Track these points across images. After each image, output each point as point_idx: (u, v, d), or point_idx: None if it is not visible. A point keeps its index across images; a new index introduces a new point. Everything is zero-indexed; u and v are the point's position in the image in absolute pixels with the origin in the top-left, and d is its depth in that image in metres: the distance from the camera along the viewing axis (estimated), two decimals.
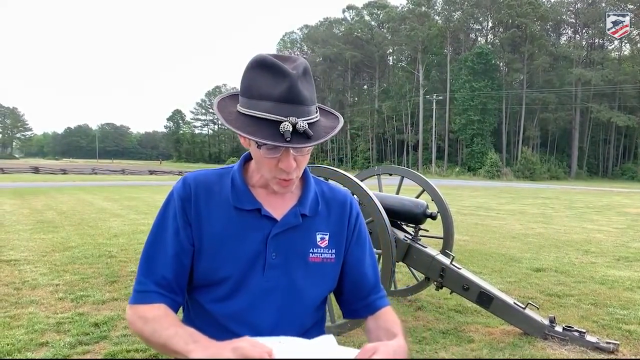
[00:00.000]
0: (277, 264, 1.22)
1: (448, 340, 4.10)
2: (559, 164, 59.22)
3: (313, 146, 1.14)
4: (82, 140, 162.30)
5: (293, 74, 1.11)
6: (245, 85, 1.15)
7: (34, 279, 5.81)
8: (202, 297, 1.24)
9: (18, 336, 3.98)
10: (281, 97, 1.10)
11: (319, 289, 1.29)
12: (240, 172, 1.28)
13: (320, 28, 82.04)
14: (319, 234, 1.28)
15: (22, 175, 38.61)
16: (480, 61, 59.04)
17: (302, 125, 1.09)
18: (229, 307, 1.20)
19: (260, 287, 1.21)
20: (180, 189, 1.25)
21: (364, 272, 1.36)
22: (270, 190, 1.26)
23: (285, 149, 1.12)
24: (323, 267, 1.28)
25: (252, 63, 1.15)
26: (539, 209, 16.78)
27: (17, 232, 9.14)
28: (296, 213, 1.26)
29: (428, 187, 5.23)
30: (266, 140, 1.08)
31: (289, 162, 1.14)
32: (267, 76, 1.11)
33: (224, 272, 1.20)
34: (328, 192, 1.36)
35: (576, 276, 6.58)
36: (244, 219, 1.23)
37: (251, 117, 1.11)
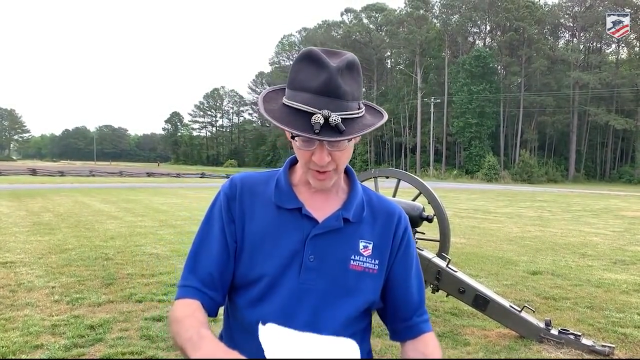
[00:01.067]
0: (314, 267, 1.19)
1: (444, 343, 4.10)
2: (557, 167, 59.28)
3: (343, 140, 1.12)
4: (80, 142, 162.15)
5: (332, 67, 1.11)
6: (290, 77, 1.16)
7: (30, 281, 5.80)
8: (238, 298, 1.23)
9: (13, 338, 3.97)
10: (318, 89, 1.10)
11: (357, 298, 1.22)
12: (286, 173, 1.29)
13: (319, 31, 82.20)
14: (362, 241, 1.24)
15: (19, 177, 38.52)
16: (478, 64, 59.15)
17: (335, 119, 1.08)
18: (262, 309, 1.18)
19: (295, 288, 1.18)
20: (227, 188, 1.27)
21: (409, 291, 1.30)
22: (312, 189, 1.25)
23: (320, 143, 1.12)
24: (364, 276, 1.23)
25: (299, 55, 1.16)
26: (536, 212, 16.81)
27: (13, 234, 9.12)
28: (338, 216, 1.23)
29: (424, 190, 5.22)
30: (296, 131, 1.08)
31: (321, 156, 1.13)
32: (309, 68, 1.12)
33: (261, 270, 1.19)
34: (376, 202, 1.32)
35: (573, 279, 6.59)
36: (284, 218, 1.22)
37: (290, 108, 1.12)
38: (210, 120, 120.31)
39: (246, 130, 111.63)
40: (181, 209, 15.23)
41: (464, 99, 59.22)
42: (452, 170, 61.54)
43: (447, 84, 64.26)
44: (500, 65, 64.18)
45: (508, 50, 62.79)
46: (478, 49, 61.62)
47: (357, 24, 78.03)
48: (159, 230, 10.27)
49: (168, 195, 21.69)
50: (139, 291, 5.48)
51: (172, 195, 22.22)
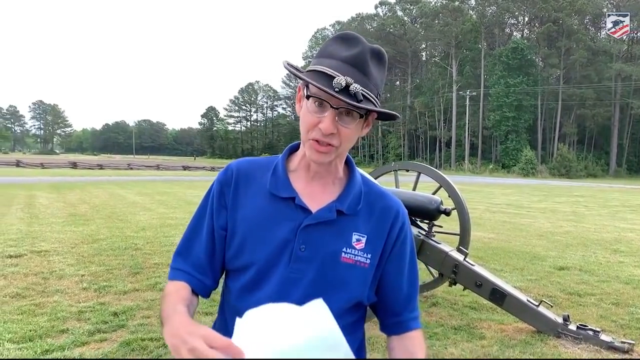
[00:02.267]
0: (305, 257, 1.18)
1: (459, 337, 4.09)
2: (597, 161, 57.62)
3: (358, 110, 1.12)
4: (119, 136, 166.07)
5: (367, 45, 1.14)
6: (320, 50, 1.19)
7: (62, 269, 6.03)
8: (231, 283, 1.25)
9: (41, 323, 4.15)
10: (347, 58, 1.12)
11: (347, 291, 1.21)
12: (283, 161, 1.28)
13: (353, 24, 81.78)
14: (355, 234, 1.22)
15: (60, 170, 39.81)
16: (516, 56, 57.92)
17: (355, 87, 1.09)
18: (253, 296, 1.18)
19: (285, 277, 1.18)
20: (222, 174, 1.29)
21: (401, 287, 1.29)
22: (310, 175, 1.25)
23: (331, 111, 1.11)
24: (354, 269, 1.21)
25: (336, 35, 1.20)
26: (572, 207, 16.41)
27: (50, 225, 9.46)
28: (332, 208, 1.21)
29: (445, 183, 5.19)
30: (317, 83, 1.08)
31: (329, 124, 1.12)
32: (342, 43, 1.15)
33: (251, 257, 1.20)
34: (375, 194, 1.30)
35: (601, 275, 6.45)
36: (278, 206, 1.21)
37: (314, 72, 1.13)
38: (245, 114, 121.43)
39: (280, 124, 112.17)
40: None
41: (501, 92, 58.07)
42: (487, 165, 60.52)
43: (483, 77, 63.16)
44: (538, 57, 62.66)
45: (546, 41, 61.22)
46: (515, 41, 60.29)
47: (391, 17, 77.31)
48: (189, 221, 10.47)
49: (202, 189, 21.98)
50: (164, 280, 5.62)
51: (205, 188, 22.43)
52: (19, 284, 5.32)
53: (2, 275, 5.65)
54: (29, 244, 7.48)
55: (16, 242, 7.53)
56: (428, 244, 4.52)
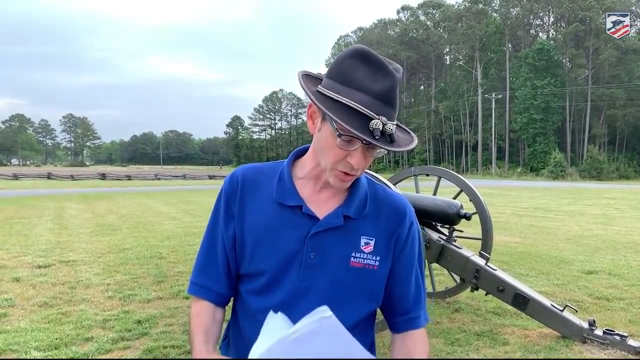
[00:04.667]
0: (315, 264, 1.20)
1: (482, 342, 4.03)
2: (629, 162, 56.14)
3: (395, 151, 1.14)
4: (147, 147, 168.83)
5: (396, 76, 1.11)
6: (340, 70, 1.13)
7: (88, 278, 6.15)
8: (242, 286, 1.27)
9: (66, 331, 4.24)
10: (379, 94, 1.09)
11: (357, 295, 1.23)
12: (289, 168, 1.28)
13: (375, 30, 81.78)
14: (363, 238, 1.23)
15: (89, 182, 40.69)
16: (542, 57, 57.01)
17: (390, 127, 1.09)
18: (265, 301, 1.20)
19: (296, 286, 1.19)
20: (227, 184, 1.29)
21: (408, 288, 1.30)
22: (319, 185, 1.25)
23: (362, 146, 1.11)
24: (364, 273, 1.22)
25: (354, 52, 1.14)
26: (602, 210, 16.03)
27: (78, 235, 9.66)
28: (339, 214, 1.22)
29: (466, 188, 5.13)
30: (357, 131, 1.05)
31: (360, 159, 1.12)
32: (368, 69, 1.11)
33: (261, 265, 1.21)
34: (382, 196, 1.30)
35: (631, 279, 6.28)
36: (285, 215, 1.22)
37: (342, 104, 1.09)
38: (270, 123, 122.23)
39: (304, 132, 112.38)
40: None
41: (527, 94, 57.20)
42: (515, 168, 59.57)
43: (508, 79, 62.32)
44: (566, 57, 61.56)
45: (573, 42, 60.13)
46: (541, 42, 59.43)
47: (414, 21, 77.01)
48: None
49: None
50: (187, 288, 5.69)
51: None
52: (46, 293, 5.45)
53: (31, 284, 5.79)
54: (58, 254, 7.65)
55: (45, 253, 7.71)
56: (449, 249, 4.48)
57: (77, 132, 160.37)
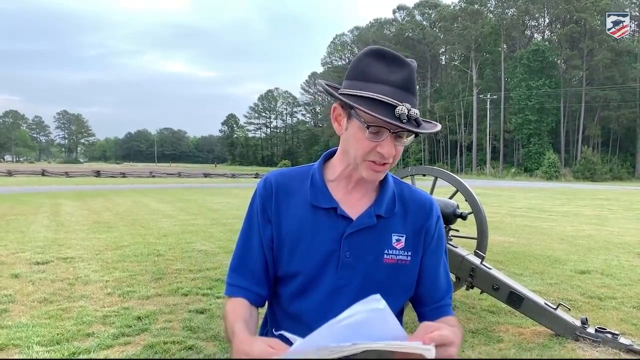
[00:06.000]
0: (351, 263, 1.24)
1: (477, 340, 4.10)
2: (622, 164, 56.61)
3: (423, 134, 1.19)
4: (141, 144, 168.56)
5: (412, 65, 1.18)
6: (358, 70, 1.19)
7: (87, 275, 6.18)
8: (281, 289, 1.31)
9: (67, 327, 4.27)
10: (398, 83, 1.14)
11: (392, 291, 1.27)
12: (320, 170, 1.32)
13: (371, 29, 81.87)
14: (394, 235, 1.29)
15: (84, 179, 40.59)
16: (537, 58, 57.34)
17: (415, 112, 1.14)
18: (303, 302, 1.26)
19: (333, 284, 1.24)
20: (262, 188, 1.33)
21: (438, 279, 1.36)
22: (350, 185, 1.29)
23: (390, 135, 1.16)
24: (397, 268, 1.28)
25: (368, 51, 1.21)
26: (595, 211, 16.19)
27: (75, 232, 9.68)
28: (371, 214, 1.27)
29: (461, 188, 5.21)
30: (378, 113, 1.10)
31: (390, 148, 1.17)
32: (384, 64, 1.17)
33: (299, 267, 1.25)
34: (408, 194, 1.35)
35: (623, 279, 6.37)
36: (320, 217, 1.26)
37: (366, 98, 1.14)
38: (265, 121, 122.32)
39: (299, 130, 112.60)
40: (233, 208, 15.64)
41: (522, 95, 57.54)
42: (510, 168, 59.88)
43: (503, 80, 62.62)
44: (560, 59, 61.92)
45: (568, 43, 60.49)
46: (536, 43, 59.76)
47: (410, 21, 77.24)
48: (210, 228, 10.64)
49: (222, 195, 22.29)
50: (186, 285, 5.74)
51: (226, 195, 22.81)
52: (46, 289, 5.48)
53: (31, 281, 5.82)
54: (55, 251, 7.67)
55: (43, 249, 7.73)
56: None
57: (71, 129, 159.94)
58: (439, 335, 0.98)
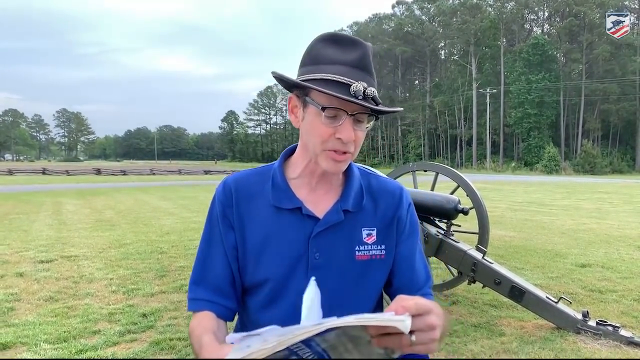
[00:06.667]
0: (321, 265, 1.16)
1: (479, 334, 4.14)
2: (622, 157, 56.62)
3: (383, 113, 1.12)
4: (141, 142, 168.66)
5: (366, 45, 1.12)
6: (311, 55, 1.14)
7: (91, 273, 6.22)
8: (249, 299, 1.23)
9: (74, 325, 4.32)
10: (353, 62, 1.09)
11: (369, 287, 1.22)
12: (281, 169, 1.24)
13: (370, 24, 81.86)
14: (365, 229, 1.21)
15: (85, 177, 40.60)
16: (536, 52, 57.30)
17: (371, 90, 1.07)
18: (274, 312, 1.17)
19: (304, 289, 1.08)
20: (221, 193, 1.23)
21: (416, 268, 1.28)
22: (314, 181, 1.22)
23: (348, 118, 1.08)
24: (372, 264, 1.21)
25: (320, 36, 1.16)
26: (595, 204, 16.22)
27: (77, 230, 9.73)
28: (338, 209, 1.19)
29: (463, 183, 5.24)
30: (341, 95, 1.04)
31: (349, 132, 1.09)
32: (338, 45, 1.12)
33: (266, 273, 1.17)
34: (376, 184, 1.28)
35: (623, 272, 6.41)
36: (284, 219, 1.18)
37: (319, 80, 1.08)
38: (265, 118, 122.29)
39: None
40: None
41: (522, 89, 57.53)
42: (510, 163, 59.94)
43: (503, 74, 62.58)
44: (560, 52, 61.86)
45: (568, 36, 60.47)
46: (535, 37, 59.71)
47: (409, 16, 77.16)
48: None
49: None
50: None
51: None
52: (51, 287, 5.53)
53: (36, 279, 5.86)
54: (59, 249, 7.72)
55: (47, 248, 7.78)
56: (447, 243, 4.59)
57: (70, 127, 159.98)
58: (414, 304, 0.85)
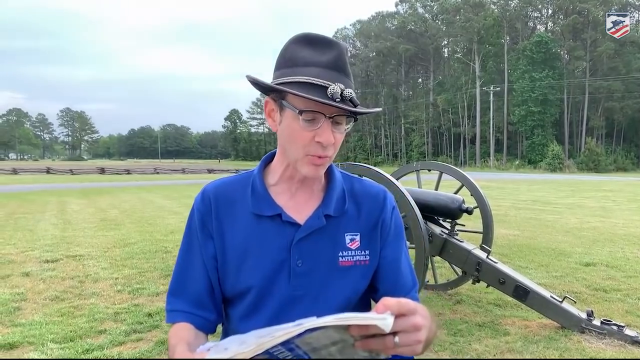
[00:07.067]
0: (304, 272, 1.14)
1: (483, 333, 4.15)
2: (627, 154, 56.47)
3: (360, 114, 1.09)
4: (145, 141, 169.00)
5: (341, 45, 1.10)
6: (285, 58, 1.11)
7: (96, 272, 6.26)
8: (231, 310, 1.21)
9: (80, 324, 4.35)
10: (329, 63, 1.06)
11: (353, 294, 1.19)
12: (261, 176, 1.21)
13: (373, 23, 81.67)
14: (348, 235, 1.18)
15: (89, 176, 40.74)
16: (540, 50, 57.11)
17: (349, 92, 1.05)
18: (256, 321, 1.13)
19: (287, 297, 1.14)
20: (200, 202, 1.21)
21: (402, 271, 1.25)
22: (294, 187, 1.20)
23: (325, 121, 1.06)
24: (355, 270, 1.18)
25: (294, 38, 1.13)
26: (599, 202, 16.19)
27: (82, 230, 9.77)
28: (319, 215, 1.17)
29: (466, 182, 5.26)
30: (318, 98, 1.02)
31: (328, 135, 1.06)
32: (312, 47, 1.09)
33: (248, 282, 1.14)
34: (359, 188, 1.24)
35: (628, 271, 6.41)
36: (264, 226, 1.16)
37: (295, 84, 1.05)
38: None
39: None
40: None
41: (525, 87, 57.33)
42: (513, 161, 59.79)
43: (507, 72, 62.44)
44: (564, 50, 61.67)
45: (571, 34, 60.26)
46: (539, 34, 59.48)
47: (412, 14, 76.91)
48: None
49: None
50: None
51: None
52: (57, 287, 5.56)
53: (41, 279, 5.90)
54: (64, 249, 7.75)
55: (52, 248, 7.82)
56: (451, 243, 4.60)
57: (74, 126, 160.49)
58: (396, 302, 0.81)
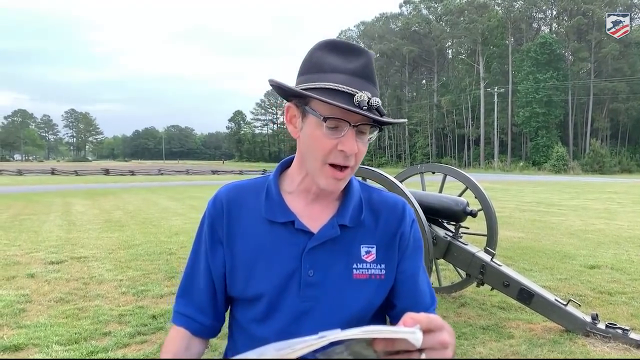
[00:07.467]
0: (315, 282, 1.10)
1: (487, 336, 4.14)
2: (632, 156, 56.27)
3: (387, 124, 1.07)
4: (149, 142, 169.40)
5: (369, 53, 1.08)
6: (311, 63, 1.08)
7: (101, 274, 6.27)
8: (240, 314, 1.17)
9: (84, 326, 4.36)
10: (356, 71, 1.04)
11: (367, 309, 1.14)
12: (276, 181, 1.19)
13: (377, 24, 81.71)
14: (363, 246, 1.14)
15: (93, 177, 40.88)
16: (544, 51, 57.01)
17: (375, 100, 1.03)
18: (268, 327, 1.11)
19: (297, 307, 1.10)
20: (212, 207, 1.19)
21: (421, 288, 1.20)
22: (310, 198, 1.17)
23: (350, 129, 1.03)
24: (370, 284, 1.13)
25: (320, 44, 1.10)
26: (604, 204, 16.13)
27: (87, 231, 9.80)
28: (334, 224, 1.13)
29: (471, 185, 5.25)
30: (345, 105, 0.99)
31: (352, 143, 1.03)
32: (339, 53, 1.07)
33: (258, 289, 1.11)
34: (377, 199, 1.21)
35: (633, 274, 6.38)
36: (277, 233, 1.13)
37: (321, 90, 1.03)
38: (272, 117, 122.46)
39: None
40: None
41: (530, 88, 57.24)
42: (518, 162, 59.69)
43: (511, 73, 62.32)
44: (568, 51, 61.52)
45: (576, 35, 60.12)
46: (543, 36, 59.37)
47: (416, 15, 76.92)
48: None
49: None
50: None
51: None
52: (61, 289, 5.57)
53: (46, 280, 5.92)
54: (69, 250, 7.77)
55: (57, 249, 7.84)
56: (455, 246, 4.59)
57: (79, 128, 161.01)
58: (425, 317, 0.79)
